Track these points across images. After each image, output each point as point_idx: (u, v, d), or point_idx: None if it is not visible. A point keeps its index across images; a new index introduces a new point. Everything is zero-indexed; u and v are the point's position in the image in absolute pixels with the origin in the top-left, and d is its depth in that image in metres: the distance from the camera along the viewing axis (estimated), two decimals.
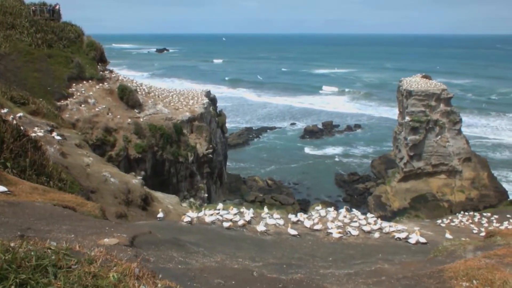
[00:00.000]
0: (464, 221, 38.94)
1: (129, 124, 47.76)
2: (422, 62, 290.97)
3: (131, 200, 25.09)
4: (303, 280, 9.55)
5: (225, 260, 12.29)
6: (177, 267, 9.94)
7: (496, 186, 76.79)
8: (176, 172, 52.43)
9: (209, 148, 57.65)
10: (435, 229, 30.71)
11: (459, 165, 77.55)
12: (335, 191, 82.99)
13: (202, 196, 54.59)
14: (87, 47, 55.04)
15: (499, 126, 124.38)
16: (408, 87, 79.62)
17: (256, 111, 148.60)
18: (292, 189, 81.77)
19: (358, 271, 11.68)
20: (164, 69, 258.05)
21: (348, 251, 16.48)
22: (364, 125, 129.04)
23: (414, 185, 78.52)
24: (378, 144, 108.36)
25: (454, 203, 74.36)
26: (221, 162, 70.65)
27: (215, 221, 19.18)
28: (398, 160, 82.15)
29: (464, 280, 8.78)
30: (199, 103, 60.52)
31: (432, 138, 77.80)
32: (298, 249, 16.30)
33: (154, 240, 12.28)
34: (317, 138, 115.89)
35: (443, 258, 12.38)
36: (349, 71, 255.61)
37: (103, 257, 5.06)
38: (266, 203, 67.30)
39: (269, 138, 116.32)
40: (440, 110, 77.93)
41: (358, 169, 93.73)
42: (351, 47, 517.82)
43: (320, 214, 24.17)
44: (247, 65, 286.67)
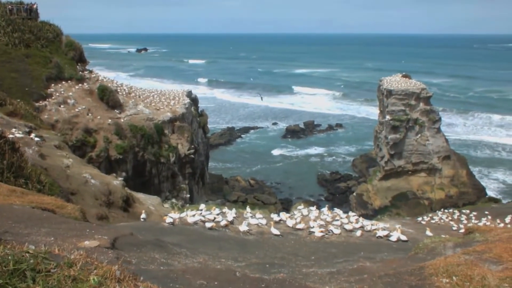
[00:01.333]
0: (444, 218, 39.51)
1: (109, 124, 47.25)
2: (401, 61, 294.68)
3: (112, 201, 24.82)
4: (286, 279, 9.57)
5: (207, 260, 12.24)
6: (159, 269, 9.86)
7: (474, 184, 78.14)
8: (157, 172, 52.07)
9: (191, 148, 57.39)
10: (415, 227, 31.08)
11: (439, 163, 78.69)
12: (317, 190, 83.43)
13: (184, 196, 54.31)
14: (66, 47, 54.29)
15: (477, 124, 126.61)
16: (389, 86, 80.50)
17: (238, 111, 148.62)
18: (274, 188, 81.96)
19: (340, 270, 11.74)
20: (145, 69, 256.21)
21: (331, 250, 16.56)
22: (345, 124, 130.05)
23: (395, 184, 79.42)
24: (359, 143, 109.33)
25: (434, 200, 75.45)
26: (203, 163, 70.42)
27: (198, 222, 19.08)
28: (379, 159, 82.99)
29: (444, 277, 8.90)
30: (180, 103, 60.19)
31: (412, 137, 78.78)
32: (281, 248, 16.32)
33: (136, 242, 12.16)
34: (299, 137, 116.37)
35: (423, 255, 12.52)
36: (330, 70, 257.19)
37: (83, 260, 4.99)
38: (249, 203, 67.32)
39: (251, 138, 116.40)
40: (420, 109, 78.98)
41: (340, 168, 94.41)
42: (333, 47, 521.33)
43: (302, 213, 24.23)
44: (228, 65, 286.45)
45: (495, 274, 8.61)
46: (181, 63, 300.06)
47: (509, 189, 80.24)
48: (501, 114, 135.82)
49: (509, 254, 9.36)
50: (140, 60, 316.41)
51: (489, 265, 9.10)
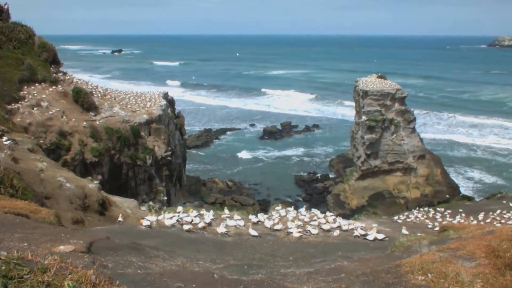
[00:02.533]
0: (420, 217, 40.10)
1: (84, 127, 46.54)
2: (374, 61, 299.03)
3: (88, 205, 24.43)
4: (264, 280, 9.58)
5: (185, 263, 12.16)
6: (136, 272, 9.75)
7: (449, 182, 79.69)
8: (134, 175, 51.50)
9: (168, 150, 56.99)
10: (392, 225, 31.48)
11: (414, 162, 79.97)
12: (295, 191, 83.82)
13: (161, 199, 53.87)
14: (39, 48, 53.19)
15: (451, 125, 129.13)
16: (364, 87, 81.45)
17: (215, 113, 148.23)
18: (252, 190, 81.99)
19: (318, 269, 11.82)
20: (120, 70, 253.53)
21: (308, 250, 16.65)
22: (322, 125, 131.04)
23: (372, 183, 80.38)
24: (336, 144, 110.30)
25: (410, 199, 76.64)
26: (180, 165, 69.98)
27: (175, 224, 18.94)
28: (355, 159, 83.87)
29: (420, 274, 9.06)
30: (156, 105, 59.69)
31: (388, 137, 79.87)
32: (259, 249, 16.33)
33: (112, 246, 12.01)
34: (276, 139, 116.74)
35: (399, 253, 12.71)
36: (306, 72, 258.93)
37: (57, 265, 4.90)
38: (227, 204, 67.21)
39: (228, 139, 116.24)
40: (395, 109, 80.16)
41: (317, 168, 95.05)
42: (309, 48, 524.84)
43: (280, 214, 24.28)
44: (204, 67, 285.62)
45: (468, 271, 8.80)
46: (157, 65, 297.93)
47: (484, 187, 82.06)
48: (474, 115, 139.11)
49: (482, 250, 9.57)
50: (115, 62, 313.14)
51: (463, 262, 9.30)
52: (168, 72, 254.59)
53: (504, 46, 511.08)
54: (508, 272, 8.33)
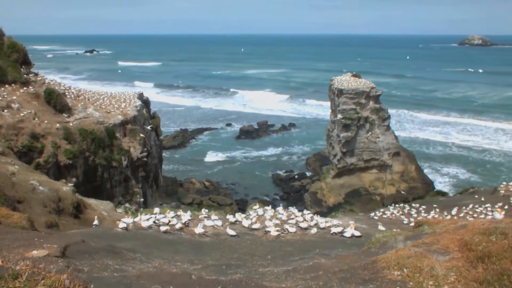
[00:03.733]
0: (395, 213, 40.72)
1: (57, 129, 45.67)
2: (350, 61, 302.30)
3: (62, 208, 24.01)
4: (242, 280, 9.57)
5: (163, 265, 12.06)
6: (113, 275, 9.62)
7: (423, 178, 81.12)
8: (109, 177, 50.80)
9: (144, 151, 56.41)
10: (368, 222, 31.88)
11: (389, 159, 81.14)
12: (272, 190, 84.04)
13: (137, 200, 53.30)
14: (9, 49, 51.92)
15: (425, 122, 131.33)
16: (339, 85, 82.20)
17: (190, 114, 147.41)
18: (230, 189, 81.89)
19: (296, 267, 11.87)
20: (94, 71, 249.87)
21: (286, 248, 16.71)
22: (298, 124, 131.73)
23: (348, 181, 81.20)
24: (312, 142, 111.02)
25: (386, 196, 77.72)
26: (157, 165, 69.36)
27: (152, 226, 18.79)
28: (332, 157, 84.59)
29: (396, 269, 9.19)
30: (131, 106, 59.03)
31: (363, 135, 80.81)
32: (237, 249, 16.32)
33: (88, 249, 11.83)
34: (253, 138, 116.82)
35: (376, 249, 12.86)
36: (282, 71, 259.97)
37: (29, 271, 4.79)
38: (204, 204, 66.98)
39: (204, 139, 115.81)
40: (370, 107, 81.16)
41: (294, 167, 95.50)
42: (284, 48, 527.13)
43: (258, 213, 24.34)
44: (180, 67, 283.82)
45: (442, 264, 8.97)
46: (132, 65, 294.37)
47: (458, 182, 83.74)
48: (447, 112, 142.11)
49: (455, 244, 9.76)
50: (89, 62, 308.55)
51: (437, 256, 9.47)
52: (143, 73, 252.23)
53: (474, 45, 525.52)
54: (480, 265, 8.52)
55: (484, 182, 79.14)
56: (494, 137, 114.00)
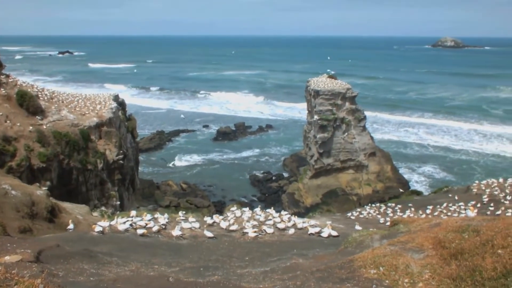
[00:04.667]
0: (372, 213, 41.20)
1: (30, 131, 44.77)
2: (326, 62, 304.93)
3: (36, 212, 23.53)
4: (220, 281, 9.57)
5: (140, 268, 11.95)
6: (89, 280, 9.49)
7: (399, 178, 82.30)
8: (85, 180, 50.02)
9: (120, 154, 55.75)
10: (346, 222, 32.19)
11: (365, 160, 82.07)
12: (250, 191, 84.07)
13: (114, 204, 52.63)
14: None
15: (401, 123, 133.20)
16: (316, 87, 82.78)
17: (167, 116, 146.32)
18: (207, 191, 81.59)
19: (274, 268, 11.91)
20: (67, 73, 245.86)
21: (264, 249, 16.75)
22: (275, 125, 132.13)
23: (325, 181, 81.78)
24: (289, 143, 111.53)
25: (362, 196, 78.56)
26: (133, 168, 68.60)
27: (129, 229, 18.60)
28: (308, 158, 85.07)
29: (372, 268, 9.32)
30: (107, 108, 58.26)
31: (339, 135, 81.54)
32: (215, 251, 16.29)
33: (63, 253, 11.64)
34: (230, 139, 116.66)
35: (352, 248, 13.01)
36: (258, 72, 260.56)
37: (1, 276, 4.69)
38: (181, 207, 66.62)
39: (181, 141, 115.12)
40: (346, 108, 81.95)
41: (271, 168, 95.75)
42: (260, 49, 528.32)
43: (236, 214, 24.34)
44: (155, 69, 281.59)
45: (417, 262, 9.14)
46: (107, 67, 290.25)
47: (433, 181, 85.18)
48: (421, 113, 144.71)
49: (430, 242, 9.95)
50: (63, 64, 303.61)
51: (412, 254, 9.64)
52: (118, 74, 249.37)
53: (447, 47, 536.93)
54: (453, 262, 8.71)
55: (458, 181, 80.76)
56: (468, 137, 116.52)
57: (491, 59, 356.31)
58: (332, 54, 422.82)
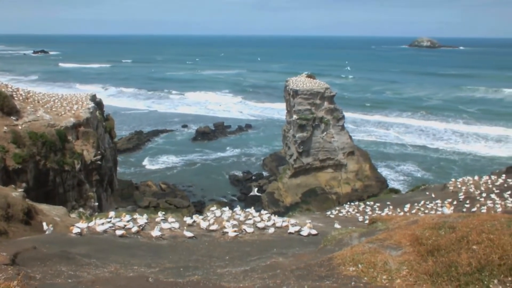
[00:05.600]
0: (351, 211, 41.59)
1: (5, 132, 43.87)
2: (303, 62, 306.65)
3: (11, 215, 23.07)
4: (200, 281, 9.55)
5: (119, 269, 11.85)
6: (66, 282, 9.37)
7: (377, 177, 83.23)
8: (62, 181, 49.25)
9: (97, 154, 55.07)
10: (325, 221, 32.41)
11: (344, 159, 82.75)
12: (230, 191, 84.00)
13: (92, 205, 51.96)
14: None
15: (380, 122, 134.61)
16: (294, 86, 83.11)
17: (146, 116, 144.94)
18: (187, 191, 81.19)
19: (254, 267, 11.94)
20: (42, 73, 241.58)
21: (244, 249, 16.77)
22: (254, 125, 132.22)
23: (304, 180, 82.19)
24: (268, 143, 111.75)
25: (341, 195, 79.19)
26: (111, 169, 67.84)
27: (107, 230, 18.43)
28: (288, 157, 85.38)
29: (351, 265, 9.43)
30: (84, 108, 57.47)
31: (318, 135, 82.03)
32: (195, 251, 16.24)
33: (40, 256, 11.47)
34: (210, 139, 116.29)
35: (332, 246, 13.12)
36: (237, 72, 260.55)
37: None
38: (161, 207, 66.14)
39: (160, 142, 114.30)
40: (325, 107, 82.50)
41: (251, 168, 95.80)
42: (239, 49, 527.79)
43: (216, 214, 24.30)
44: (132, 69, 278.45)
45: (395, 259, 9.28)
46: (83, 67, 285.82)
47: (412, 180, 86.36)
48: (399, 112, 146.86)
49: (407, 239, 10.12)
50: (38, 63, 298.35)
51: (390, 251, 9.78)
52: (94, 74, 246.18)
53: (423, 47, 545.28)
54: (430, 258, 8.88)
55: (435, 179, 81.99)
56: (445, 136, 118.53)
57: (465, 59, 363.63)
58: (310, 54, 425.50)
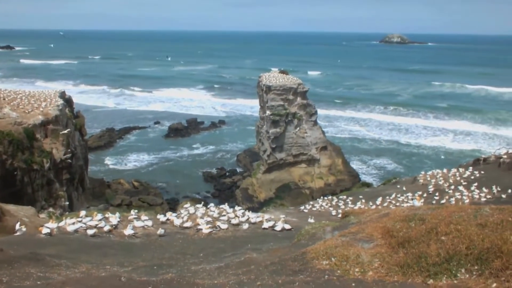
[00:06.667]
0: (324, 205, 41.98)
1: None
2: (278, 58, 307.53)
3: None
4: (174, 279, 9.47)
5: (91, 269, 11.63)
6: (36, 284, 9.15)
7: (349, 171, 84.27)
8: (30, 181, 48.06)
9: (67, 152, 53.97)
10: (299, 215, 32.66)
11: (317, 153, 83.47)
12: (204, 187, 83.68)
13: (62, 204, 50.91)
14: None
15: (353, 118, 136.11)
16: (267, 82, 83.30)
17: (116, 113, 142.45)
18: (160, 189, 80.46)
19: (228, 263, 11.91)
20: (8, 69, 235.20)
21: (219, 245, 16.75)
22: (228, 121, 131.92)
23: (278, 176, 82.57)
24: (242, 139, 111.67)
25: (315, 189, 79.87)
26: (82, 167, 66.64)
27: (78, 230, 18.10)
28: (261, 153, 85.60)
29: (324, 259, 9.51)
30: (52, 105, 56.22)
31: (291, 130, 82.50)
32: (169, 248, 16.12)
33: (7, 258, 11.17)
34: (183, 136, 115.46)
35: (305, 241, 13.21)
36: (210, 68, 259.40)
37: None
38: (134, 205, 65.37)
39: (132, 139, 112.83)
40: (298, 103, 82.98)
41: (225, 164, 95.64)
42: (212, 45, 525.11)
43: (189, 211, 24.16)
44: (102, 65, 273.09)
45: (367, 252, 9.41)
46: (51, 64, 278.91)
47: (384, 173, 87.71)
48: (371, 106, 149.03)
49: (379, 232, 10.26)
50: (3, 59, 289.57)
51: (362, 244, 9.91)
52: (63, 71, 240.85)
53: (393, 43, 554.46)
54: (401, 250, 9.03)
55: (407, 172, 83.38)
56: (416, 131, 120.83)
57: (433, 55, 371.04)
58: (283, 50, 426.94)
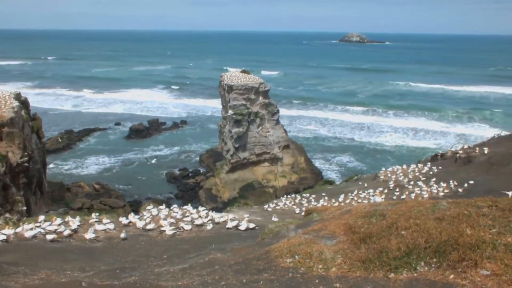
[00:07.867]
0: (288, 204, 42.18)
1: None
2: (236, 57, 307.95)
3: None
4: (137, 282, 9.36)
5: (50, 275, 11.33)
6: None
7: (312, 169, 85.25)
8: None
9: (24, 156, 52.25)
10: (263, 214, 32.78)
11: (280, 152, 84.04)
12: (167, 189, 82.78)
13: (19, 209, 49.25)
14: None
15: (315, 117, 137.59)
16: (229, 81, 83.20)
17: (75, 116, 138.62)
18: (122, 191, 79.06)
19: (192, 264, 11.86)
20: None
21: (182, 246, 16.64)
22: (190, 121, 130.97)
23: (241, 175, 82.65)
24: (205, 139, 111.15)
25: (278, 188, 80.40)
26: (40, 170, 64.67)
27: (37, 235, 17.57)
28: (225, 153, 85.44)
29: (288, 257, 9.61)
30: (7, 107, 54.33)
31: (254, 129, 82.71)
32: (131, 251, 15.89)
33: None
34: (144, 137, 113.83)
35: (269, 239, 13.30)
36: (170, 68, 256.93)
37: None
38: (95, 208, 63.98)
39: (92, 141, 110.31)
40: (260, 102, 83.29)
41: (188, 164, 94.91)
42: (172, 45, 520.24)
43: (152, 213, 23.90)
44: (57, 66, 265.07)
45: (330, 248, 9.56)
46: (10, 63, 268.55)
47: (346, 171, 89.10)
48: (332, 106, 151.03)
49: (341, 228, 10.45)
50: None
51: (325, 241, 10.07)
52: (16, 72, 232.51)
53: (353, 42, 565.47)
54: (363, 245, 9.23)
55: (369, 169, 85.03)
56: (378, 128, 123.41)
57: (392, 54, 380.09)
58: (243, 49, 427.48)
